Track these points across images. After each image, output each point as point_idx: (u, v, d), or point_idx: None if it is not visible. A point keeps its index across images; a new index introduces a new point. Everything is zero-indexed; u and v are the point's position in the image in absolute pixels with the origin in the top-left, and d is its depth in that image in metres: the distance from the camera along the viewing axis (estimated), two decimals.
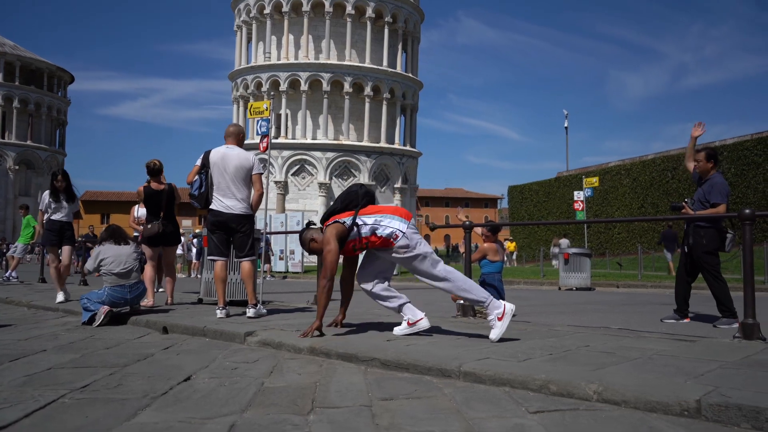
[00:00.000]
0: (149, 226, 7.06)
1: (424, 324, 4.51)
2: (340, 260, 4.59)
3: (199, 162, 5.90)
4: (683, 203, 6.75)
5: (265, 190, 6.25)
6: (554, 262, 31.18)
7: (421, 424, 2.52)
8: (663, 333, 4.98)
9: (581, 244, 27.02)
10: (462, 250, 6.94)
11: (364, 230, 4.40)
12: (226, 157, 5.78)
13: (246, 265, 5.89)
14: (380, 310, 6.69)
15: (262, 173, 5.95)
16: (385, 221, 4.40)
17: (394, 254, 4.41)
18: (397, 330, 4.55)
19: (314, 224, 4.76)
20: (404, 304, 4.55)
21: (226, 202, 5.76)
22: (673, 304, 6.95)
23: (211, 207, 5.84)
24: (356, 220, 4.43)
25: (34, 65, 57.16)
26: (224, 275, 5.93)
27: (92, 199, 74.33)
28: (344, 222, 4.44)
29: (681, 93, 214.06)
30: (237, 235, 5.84)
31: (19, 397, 3.00)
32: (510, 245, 27.68)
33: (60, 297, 7.69)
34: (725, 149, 27.40)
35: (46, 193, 7.95)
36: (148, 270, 7.17)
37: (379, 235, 4.38)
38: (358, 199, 4.55)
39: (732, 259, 19.58)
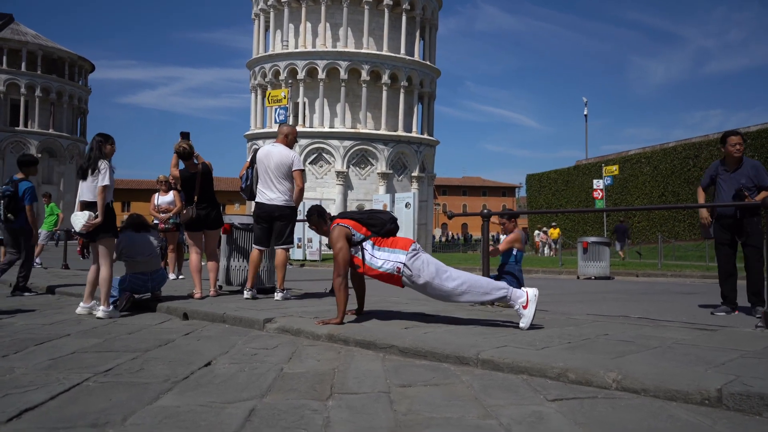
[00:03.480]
0: (184, 212, 6.72)
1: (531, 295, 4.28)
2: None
3: (248, 159, 6.51)
4: (744, 192, 6.26)
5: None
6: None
7: (438, 411, 2.53)
8: (683, 322, 4.94)
9: (600, 232, 26.79)
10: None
11: (366, 257, 4.44)
12: (270, 154, 6.28)
13: (281, 252, 6.32)
14: (397, 298, 6.70)
15: (302, 170, 6.38)
16: (385, 255, 4.41)
17: (405, 285, 4.44)
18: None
19: (324, 211, 4.93)
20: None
21: (268, 194, 6.25)
22: (705, 293, 6.79)
23: (256, 200, 6.35)
24: (364, 244, 4.46)
25: (56, 54, 57.73)
26: (258, 260, 6.43)
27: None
28: (353, 234, 4.48)
29: (703, 79, 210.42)
30: (277, 223, 6.29)
31: (44, 379, 3.07)
32: (553, 231, 27.27)
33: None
34: (749, 136, 26.88)
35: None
36: (193, 258, 6.77)
37: (382, 270, 4.39)
38: (382, 227, 4.52)
39: None
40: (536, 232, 31.42)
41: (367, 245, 4.46)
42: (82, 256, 7.04)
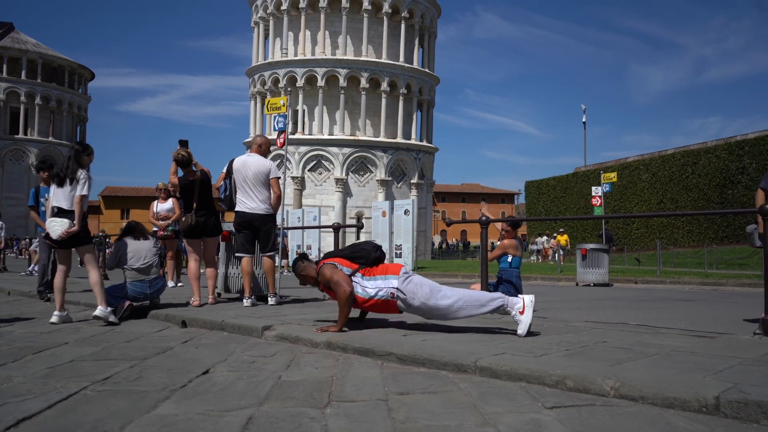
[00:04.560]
0: (183, 219, 6.74)
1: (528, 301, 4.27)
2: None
3: (224, 169, 6.58)
4: None
5: (282, 189, 6.65)
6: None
7: (436, 419, 2.52)
8: (681, 329, 4.93)
9: (599, 239, 26.78)
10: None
11: (359, 290, 4.44)
12: (246, 163, 6.42)
13: (268, 260, 6.52)
14: None
15: (279, 177, 6.53)
16: (377, 283, 4.42)
17: (401, 310, 4.43)
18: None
19: (308, 256, 4.94)
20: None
21: (248, 203, 6.38)
22: (704, 300, 6.74)
23: (236, 209, 6.46)
24: (353, 278, 4.46)
25: (56, 62, 57.89)
26: (250, 269, 6.51)
27: (112, 195, 75.23)
28: (341, 269, 4.49)
29: (702, 87, 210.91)
30: (261, 233, 6.45)
31: (42, 388, 3.06)
32: (561, 238, 27.16)
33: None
34: (747, 144, 26.97)
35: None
36: (192, 266, 6.80)
37: (377, 299, 4.40)
38: (369, 257, 4.54)
39: (753, 255, 19.31)
40: (544, 238, 31.23)
41: (357, 278, 4.47)
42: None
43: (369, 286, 4.43)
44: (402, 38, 38.17)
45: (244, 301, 6.41)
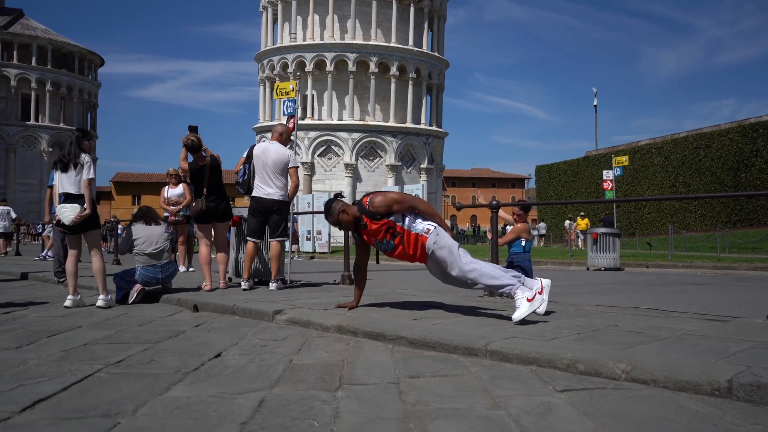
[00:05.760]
0: (194, 204, 6.78)
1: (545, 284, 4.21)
2: (351, 240, 4.63)
3: (245, 155, 6.69)
4: None
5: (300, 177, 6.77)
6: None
7: (447, 402, 2.53)
8: (693, 313, 4.91)
9: (601, 224, 26.64)
10: (490, 236, 6.94)
11: (407, 221, 4.42)
12: (267, 151, 6.51)
13: (275, 245, 6.56)
14: (406, 289, 6.71)
15: (298, 167, 6.64)
16: (419, 220, 4.45)
17: (428, 251, 4.38)
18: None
19: (343, 196, 4.79)
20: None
21: (266, 189, 6.48)
22: (716, 284, 6.74)
23: (253, 194, 6.57)
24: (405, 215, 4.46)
25: (66, 49, 57.98)
26: (254, 254, 6.69)
27: (123, 181, 75.70)
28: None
29: (715, 69, 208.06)
30: (273, 217, 6.52)
31: (57, 371, 3.10)
32: (582, 222, 26.89)
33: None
34: (761, 126, 26.64)
35: None
36: (203, 251, 6.83)
37: (415, 232, 4.40)
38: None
39: (766, 239, 19.14)
40: (567, 222, 30.82)
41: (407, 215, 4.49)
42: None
43: (408, 216, 4.44)
44: (411, 22, 37.85)
45: (243, 284, 6.51)
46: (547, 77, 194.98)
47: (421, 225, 4.42)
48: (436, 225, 4.43)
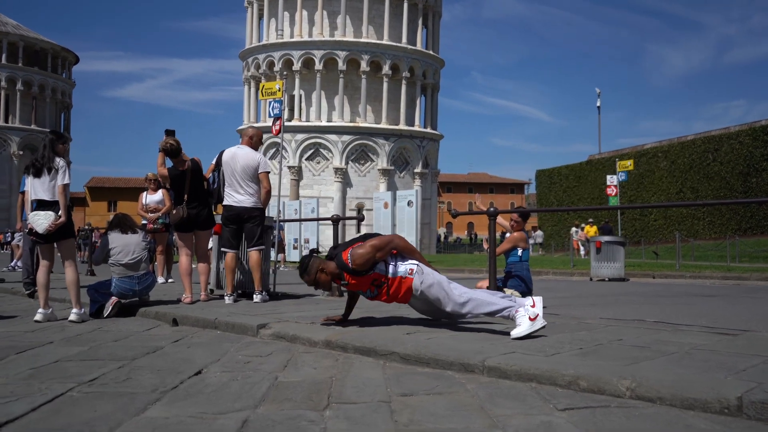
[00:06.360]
0: (174, 211, 6.73)
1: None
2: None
3: (213, 161, 6.79)
4: None
5: (279, 178, 6.91)
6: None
7: (442, 421, 2.53)
8: (702, 326, 4.94)
9: (615, 231, 26.77)
10: (486, 246, 6.92)
11: (391, 268, 4.42)
12: (236, 156, 6.56)
13: (254, 254, 6.60)
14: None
15: (268, 172, 6.69)
16: (399, 261, 4.45)
17: (415, 290, 4.39)
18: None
19: (319, 252, 4.79)
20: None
21: (236, 196, 6.54)
22: (726, 295, 6.76)
23: (224, 203, 6.64)
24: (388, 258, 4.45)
25: (38, 45, 57.75)
26: (233, 265, 6.67)
27: (99, 186, 75.35)
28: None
29: (725, 68, 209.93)
30: (247, 225, 6.59)
31: (25, 390, 3.07)
32: (590, 229, 26.94)
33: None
34: None
35: None
36: (183, 261, 6.78)
37: (398, 275, 4.40)
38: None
39: None
40: (573, 229, 30.97)
41: (390, 259, 4.48)
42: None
43: (390, 262, 4.44)
44: (405, 18, 38.03)
45: (226, 298, 6.52)
46: (548, 77, 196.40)
47: (402, 267, 4.43)
48: (417, 263, 4.44)
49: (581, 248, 27.13)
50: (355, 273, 4.36)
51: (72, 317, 5.64)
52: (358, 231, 36.36)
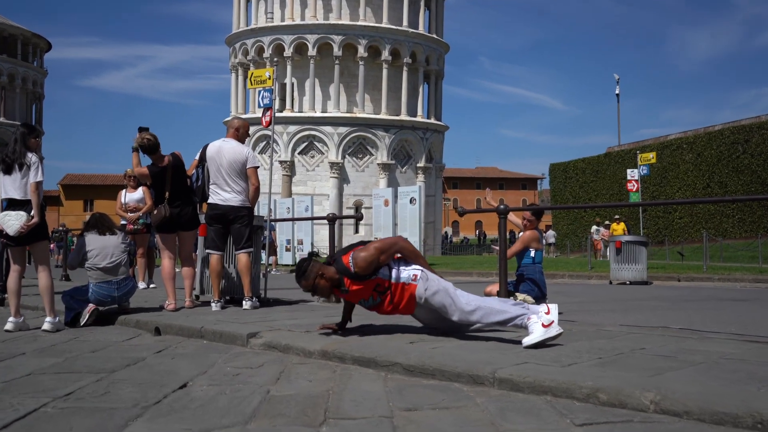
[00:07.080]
0: (155, 211, 6.73)
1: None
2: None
3: (197, 157, 6.74)
4: None
5: (269, 175, 6.84)
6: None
7: None
8: (731, 333, 4.94)
9: (636, 231, 26.77)
10: (496, 248, 6.90)
11: (394, 273, 4.42)
12: (221, 150, 6.51)
13: (243, 257, 6.53)
14: None
15: (257, 167, 6.65)
16: (402, 266, 4.46)
17: (418, 298, 4.40)
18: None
19: (318, 255, 4.73)
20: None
21: (222, 194, 6.48)
22: (758, 299, 6.76)
23: (209, 201, 6.59)
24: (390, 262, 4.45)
25: (7, 31, 57.80)
26: (220, 269, 6.62)
27: (73, 183, 75.42)
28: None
29: (755, 51, 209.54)
30: (234, 226, 6.52)
31: None
32: (617, 227, 26.86)
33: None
34: None
35: None
36: (166, 264, 6.78)
37: (401, 281, 4.40)
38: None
39: None
40: (594, 228, 30.95)
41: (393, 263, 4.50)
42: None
43: (393, 267, 4.44)
44: None
45: (212, 305, 6.48)
46: (562, 62, 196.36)
47: (405, 272, 4.42)
48: (421, 268, 4.44)
49: (603, 248, 26.97)
50: (357, 278, 4.35)
51: (45, 326, 5.64)
52: (356, 231, 36.46)
